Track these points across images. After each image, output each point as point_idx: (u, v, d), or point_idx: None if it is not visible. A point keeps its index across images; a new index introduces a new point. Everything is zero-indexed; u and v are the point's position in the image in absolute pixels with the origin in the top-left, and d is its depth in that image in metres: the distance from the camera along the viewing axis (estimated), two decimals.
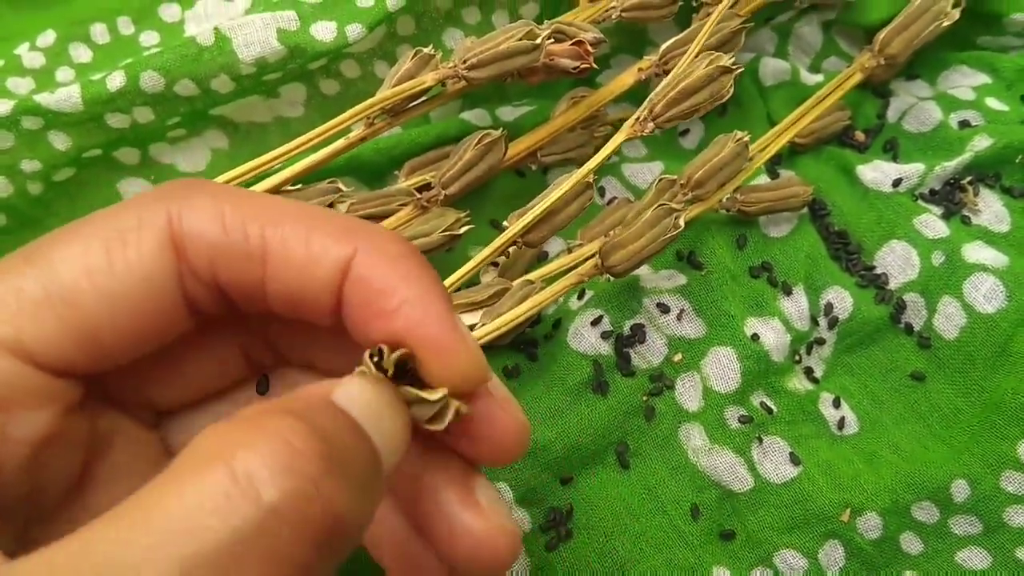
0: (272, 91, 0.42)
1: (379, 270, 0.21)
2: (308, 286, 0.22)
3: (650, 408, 0.38)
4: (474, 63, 0.36)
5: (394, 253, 0.22)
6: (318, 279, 0.22)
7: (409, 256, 0.22)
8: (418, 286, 0.21)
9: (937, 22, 0.42)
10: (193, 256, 0.21)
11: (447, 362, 0.21)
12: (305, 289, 0.22)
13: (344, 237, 0.22)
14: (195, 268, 0.22)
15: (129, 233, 0.21)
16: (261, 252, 0.22)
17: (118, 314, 0.21)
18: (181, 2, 0.46)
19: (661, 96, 0.36)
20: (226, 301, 0.23)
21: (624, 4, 0.41)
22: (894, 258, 0.41)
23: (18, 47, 0.45)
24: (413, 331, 0.21)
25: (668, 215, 0.36)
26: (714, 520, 0.36)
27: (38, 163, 0.40)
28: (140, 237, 0.21)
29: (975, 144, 0.43)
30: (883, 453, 0.38)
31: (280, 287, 0.22)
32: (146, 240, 0.21)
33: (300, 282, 0.22)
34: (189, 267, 0.22)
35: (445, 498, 0.23)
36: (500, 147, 0.38)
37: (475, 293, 0.37)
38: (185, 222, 0.21)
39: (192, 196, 0.22)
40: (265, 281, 0.22)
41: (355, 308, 0.22)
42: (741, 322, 0.39)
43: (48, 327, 0.20)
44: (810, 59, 0.49)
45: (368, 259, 0.21)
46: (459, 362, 0.22)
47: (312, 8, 0.40)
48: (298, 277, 0.22)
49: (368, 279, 0.21)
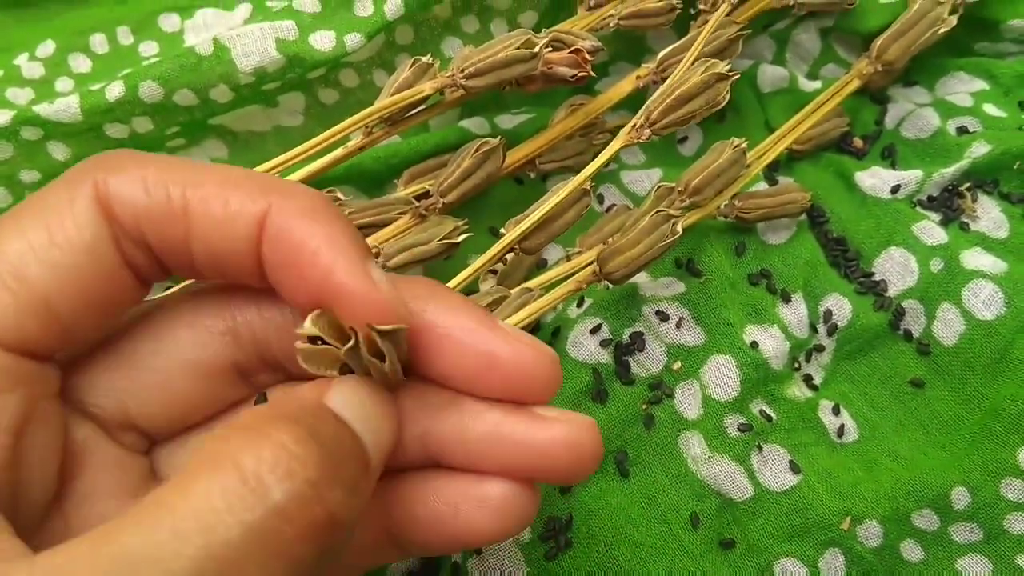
0: (271, 100, 0.43)
1: (292, 223, 0.22)
2: (229, 244, 0.22)
3: (649, 416, 0.38)
4: (472, 72, 0.36)
5: (306, 207, 0.22)
6: (237, 236, 0.22)
7: (321, 209, 0.23)
8: (327, 236, 0.22)
9: (934, 28, 0.42)
10: (121, 219, 0.22)
11: (357, 309, 0.22)
12: (226, 247, 0.23)
13: (259, 194, 0.22)
14: (126, 230, 0.22)
15: (62, 205, 0.22)
16: (183, 212, 0.22)
17: (66, 283, 0.22)
18: (180, 12, 0.46)
19: (657, 103, 0.36)
20: (163, 266, 0.23)
21: (622, 12, 0.41)
22: (893, 265, 0.41)
23: (17, 57, 0.45)
24: (325, 279, 0.22)
25: (666, 222, 0.36)
26: (714, 529, 0.36)
27: (37, 173, 0.40)
28: (73, 208, 0.22)
29: (973, 150, 0.43)
30: (883, 461, 0.38)
31: (203, 246, 0.23)
32: (79, 210, 0.22)
33: (221, 240, 0.22)
34: (121, 230, 0.22)
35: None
36: (498, 155, 0.38)
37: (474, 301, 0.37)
38: (112, 188, 0.22)
39: (116, 163, 0.23)
40: (189, 241, 0.23)
41: (273, 262, 0.23)
42: (740, 330, 0.39)
43: (3, 305, 0.21)
44: (808, 66, 0.49)
45: (282, 214, 0.22)
46: (369, 308, 0.22)
47: (311, 18, 0.40)
48: (219, 235, 0.22)
49: (282, 231, 0.22)
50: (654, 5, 0.41)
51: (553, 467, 0.24)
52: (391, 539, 0.26)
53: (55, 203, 0.22)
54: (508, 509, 0.24)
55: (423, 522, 0.25)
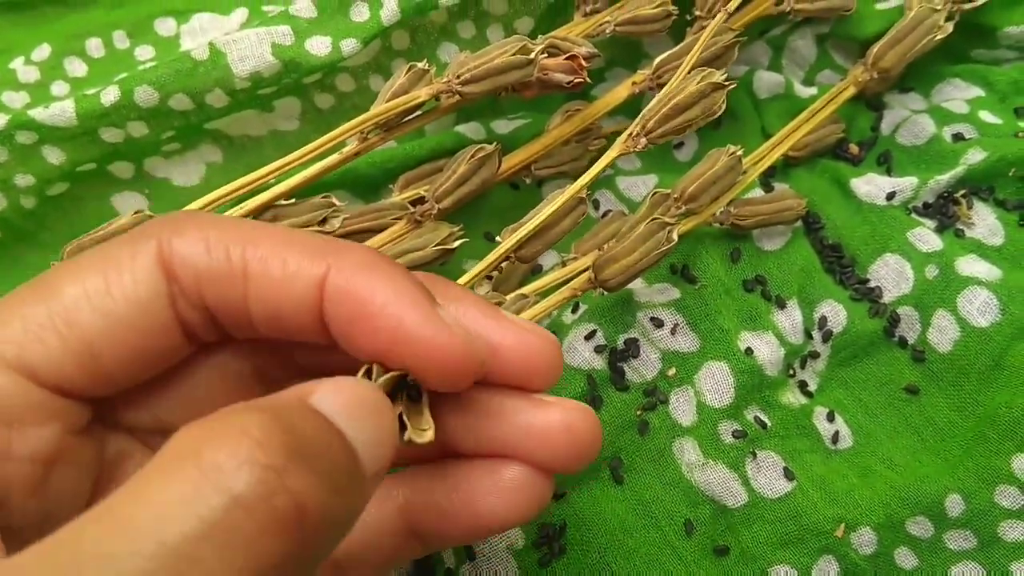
0: (267, 105, 0.43)
1: (354, 279, 0.22)
2: (288, 303, 0.23)
3: (644, 423, 0.38)
4: (468, 78, 0.36)
5: (365, 261, 0.23)
6: (297, 295, 0.23)
7: (381, 263, 0.23)
8: (392, 288, 0.22)
9: (930, 35, 0.42)
10: (182, 278, 0.23)
11: (435, 357, 0.22)
12: (285, 306, 0.23)
13: (318, 254, 0.23)
14: (185, 290, 0.23)
15: (124, 260, 0.22)
16: (242, 272, 0.23)
17: (116, 334, 0.22)
18: (177, 17, 0.46)
19: (654, 112, 0.36)
20: (217, 325, 0.24)
21: (618, 18, 0.41)
22: (888, 271, 0.41)
23: (13, 61, 0.45)
24: (396, 330, 0.22)
25: (661, 229, 0.36)
26: (708, 536, 0.36)
27: (32, 178, 0.40)
28: (134, 262, 0.22)
29: (968, 157, 0.43)
30: (877, 467, 0.38)
31: (262, 306, 0.23)
32: (139, 265, 0.22)
33: (280, 300, 0.23)
34: (180, 289, 0.23)
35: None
36: (494, 161, 0.38)
37: None
38: (174, 247, 0.23)
39: (180, 224, 0.23)
40: (248, 301, 0.23)
41: (339, 320, 0.23)
42: (735, 336, 0.39)
43: (50, 346, 0.22)
44: (804, 72, 0.49)
45: (342, 272, 0.22)
46: (448, 354, 0.22)
47: (307, 23, 0.40)
48: (277, 295, 0.23)
49: (345, 289, 0.22)
50: (650, 11, 0.41)
51: (552, 452, 0.25)
52: (414, 533, 0.26)
53: (117, 256, 0.23)
54: (522, 492, 0.25)
55: (443, 512, 0.25)
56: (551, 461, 0.25)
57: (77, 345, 0.22)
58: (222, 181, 0.37)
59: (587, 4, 0.42)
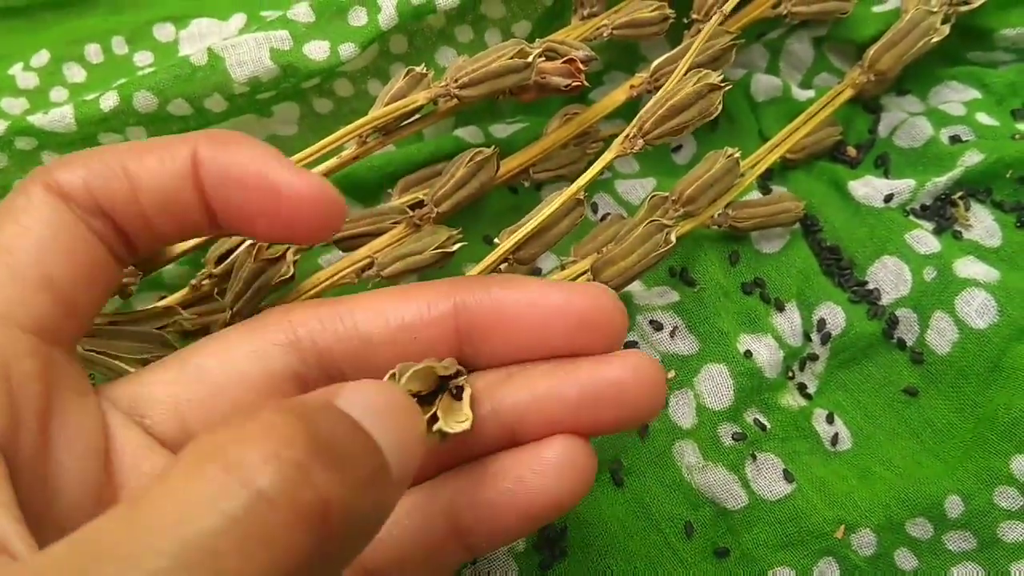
0: (265, 110, 0.43)
1: (220, 149, 0.25)
2: (171, 183, 0.25)
3: (644, 426, 0.38)
4: (466, 82, 0.36)
5: (227, 136, 0.25)
6: (176, 174, 0.24)
7: (240, 136, 0.25)
8: (252, 150, 0.25)
9: (927, 38, 0.43)
10: (74, 195, 0.24)
11: (291, 204, 0.25)
12: (169, 186, 0.25)
13: (182, 140, 0.25)
14: (82, 204, 0.24)
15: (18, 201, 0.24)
16: (123, 172, 0.24)
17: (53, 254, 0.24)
18: (175, 22, 0.46)
19: (650, 114, 0.36)
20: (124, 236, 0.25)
21: (615, 22, 0.41)
22: (886, 273, 0.41)
23: (12, 67, 0.45)
24: (263, 182, 0.24)
25: (660, 231, 0.36)
26: (708, 538, 0.36)
27: None
28: (30, 199, 0.24)
29: (966, 159, 0.43)
30: (877, 469, 0.38)
31: (150, 196, 0.25)
32: (35, 199, 0.24)
33: (163, 182, 0.25)
34: (78, 206, 0.24)
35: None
36: (492, 165, 0.38)
37: None
38: (59, 176, 0.24)
39: (53, 164, 0.25)
40: (138, 197, 0.24)
41: (213, 186, 0.25)
42: (734, 339, 0.39)
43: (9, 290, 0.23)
44: (801, 75, 0.49)
45: (209, 146, 0.25)
46: (301, 199, 0.25)
47: (305, 28, 0.40)
48: (160, 179, 0.25)
49: (214, 158, 0.25)
50: (647, 15, 0.41)
51: (623, 400, 0.25)
52: (457, 536, 0.26)
53: (10, 204, 0.24)
54: (571, 466, 0.25)
55: (491, 505, 0.25)
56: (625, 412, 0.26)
57: (30, 275, 0.23)
58: None
59: (584, 8, 0.42)
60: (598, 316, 0.26)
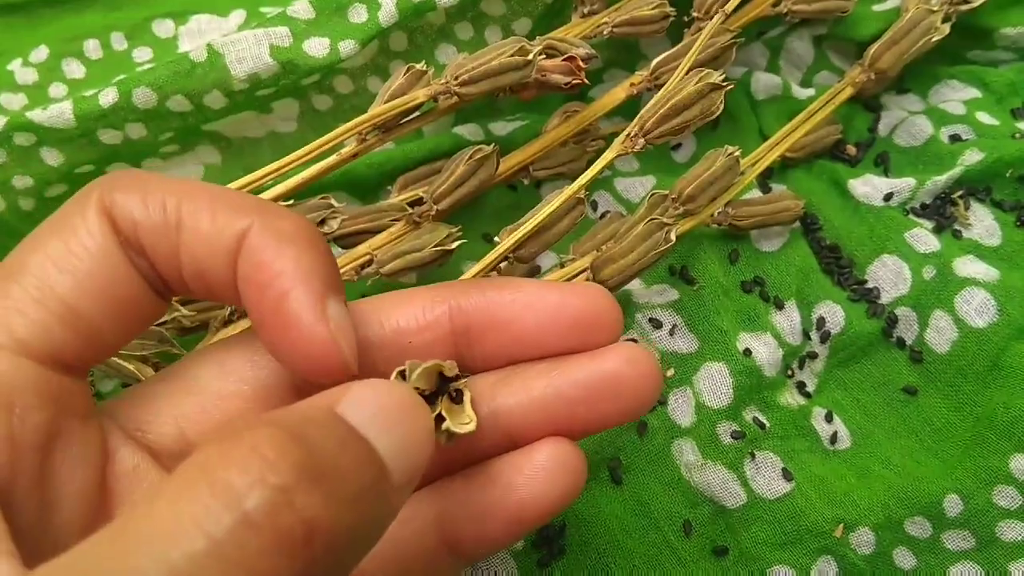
0: (265, 106, 0.43)
1: (267, 243, 0.23)
2: (210, 258, 0.23)
3: (643, 424, 0.38)
4: (466, 79, 0.36)
5: (286, 229, 0.23)
6: (219, 250, 0.23)
7: (301, 235, 0.23)
8: (295, 261, 0.23)
9: (927, 37, 0.43)
10: (123, 229, 0.23)
11: (297, 341, 0.23)
12: (208, 261, 0.23)
13: (243, 212, 0.23)
14: (128, 241, 0.23)
15: (74, 218, 0.23)
16: (176, 224, 0.23)
17: (87, 287, 0.23)
18: (174, 18, 0.46)
19: (652, 112, 0.36)
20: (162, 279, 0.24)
21: (615, 20, 0.41)
22: (885, 272, 0.41)
23: (11, 63, 0.45)
24: (279, 303, 0.22)
25: (659, 229, 0.36)
26: (707, 536, 0.36)
27: (30, 179, 0.40)
28: (84, 219, 0.23)
29: (966, 158, 0.43)
30: (876, 468, 0.38)
31: (189, 259, 0.23)
32: (89, 220, 0.23)
33: (205, 253, 0.23)
34: (124, 240, 0.23)
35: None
36: (492, 162, 0.38)
37: None
38: (115, 199, 0.23)
39: (119, 179, 0.24)
40: (179, 253, 0.23)
41: (242, 278, 0.23)
42: (733, 337, 0.39)
43: (32, 316, 0.22)
44: (802, 73, 0.49)
45: (261, 234, 0.23)
46: (309, 342, 0.22)
47: (305, 24, 0.40)
48: (203, 248, 0.23)
49: (255, 250, 0.23)
50: (648, 12, 0.41)
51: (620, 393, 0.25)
52: (449, 547, 0.26)
53: (67, 217, 0.23)
54: (556, 469, 0.25)
55: (482, 512, 0.25)
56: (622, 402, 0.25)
57: (57, 307, 0.22)
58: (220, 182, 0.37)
59: (585, 5, 0.42)
60: (594, 316, 0.26)
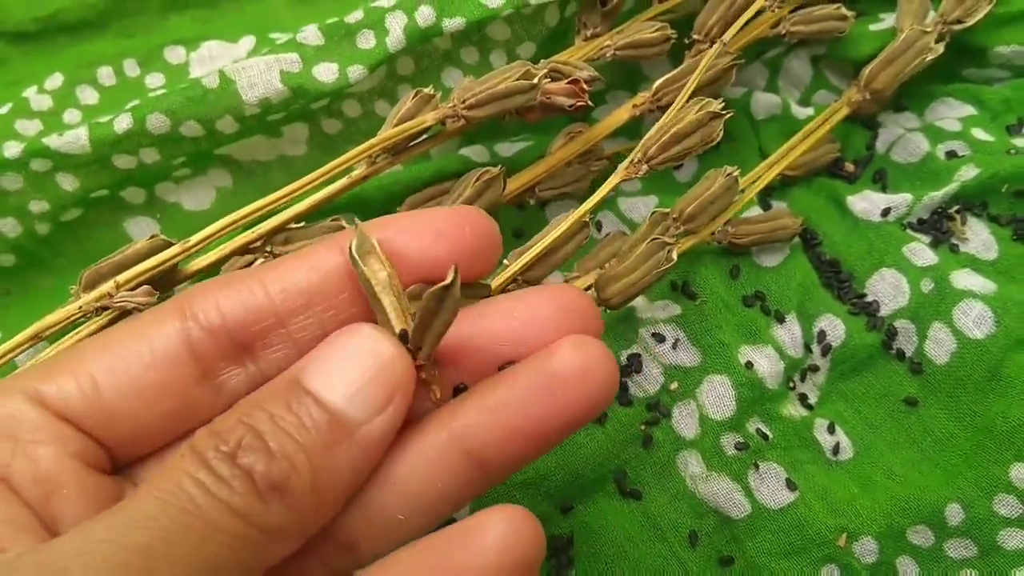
0: (275, 131, 0.43)
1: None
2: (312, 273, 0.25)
3: (648, 437, 0.38)
4: (473, 103, 0.37)
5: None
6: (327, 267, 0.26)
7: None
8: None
9: (922, 56, 0.43)
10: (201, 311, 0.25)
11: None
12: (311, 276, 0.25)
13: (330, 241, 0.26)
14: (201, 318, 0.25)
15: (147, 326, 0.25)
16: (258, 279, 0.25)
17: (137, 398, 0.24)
18: (186, 45, 0.47)
19: (653, 140, 0.37)
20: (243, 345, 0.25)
21: (618, 43, 0.42)
22: (884, 286, 0.42)
23: (26, 90, 0.46)
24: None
25: (661, 248, 0.36)
26: (713, 546, 0.37)
27: (46, 204, 0.41)
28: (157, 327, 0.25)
29: (962, 174, 0.44)
30: (878, 478, 0.39)
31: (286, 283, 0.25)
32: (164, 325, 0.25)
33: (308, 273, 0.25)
34: (194, 319, 0.25)
35: None
36: (499, 184, 0.39)
37: None
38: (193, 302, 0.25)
39: (198, 287, 0.26)
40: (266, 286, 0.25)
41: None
42: (735, 350, 0.39)
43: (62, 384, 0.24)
44: (800, 93, 0.50)
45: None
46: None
47: (314, 50, 0.41)
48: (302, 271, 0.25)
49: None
50: (649, 35, 0.42)
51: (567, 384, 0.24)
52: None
53: (141, 324, 0.25)
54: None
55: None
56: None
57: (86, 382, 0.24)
58: (232, 205, 0.38)
59: (588, 29, 0.43)
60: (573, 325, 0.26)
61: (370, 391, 0.23)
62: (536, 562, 0.22)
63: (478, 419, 0.24)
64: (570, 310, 0.26)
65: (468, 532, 0.22)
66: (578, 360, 0.24)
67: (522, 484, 0.36)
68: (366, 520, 0.24)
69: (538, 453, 0.25)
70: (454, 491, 0.25)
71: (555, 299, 0.26)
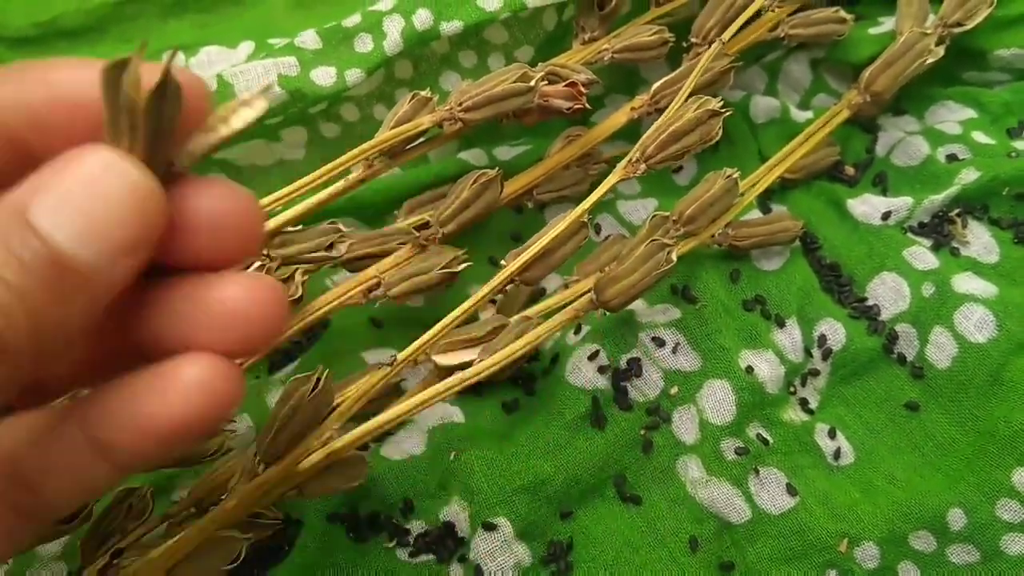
0: (274, 135, 0.43)
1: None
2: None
3: (648, 441, 0.38)
4: (470, 105, 0.37)
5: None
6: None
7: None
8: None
9: (921, 59, 0.43)
10: None
11: None
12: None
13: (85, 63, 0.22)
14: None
15: None
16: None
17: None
18: (185, 50, 0.47)
19: (652, 139, 0.37)
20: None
21: (616, 46, 0.42)
22: (885, 290, 0.42)
23: None
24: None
25: (660, 250, 0.36)
26: (713, 552, 0.37)
27: None
28: None
29: (962, 177, 0.44)
30: (879, 483, 0.38)
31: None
32: None
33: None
34: None
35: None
36: (496, 186, 0.38)
37: (474, 329, 0.37)
38: None
39: None
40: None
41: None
42: (735, 355, 0.39)
43: None
44: (799, 96, 0.50)
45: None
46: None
47: (312, 54, 0.41)
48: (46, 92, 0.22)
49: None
50: (647, 39, 0.42)
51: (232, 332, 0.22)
52: (100, 452, 0.23)
53: None
54: (202, 388, 0.22)
55: (123, 422, 0.22)
56: (231, 342, 0.22)
57: None
58: None
59: (585, 32, 0.43)
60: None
61: (109, 230, 0.20)
62: (233, 406, 0.22)
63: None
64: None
65: (161, 378, 0.21)
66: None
67: (521, 489, 0.36)
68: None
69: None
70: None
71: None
